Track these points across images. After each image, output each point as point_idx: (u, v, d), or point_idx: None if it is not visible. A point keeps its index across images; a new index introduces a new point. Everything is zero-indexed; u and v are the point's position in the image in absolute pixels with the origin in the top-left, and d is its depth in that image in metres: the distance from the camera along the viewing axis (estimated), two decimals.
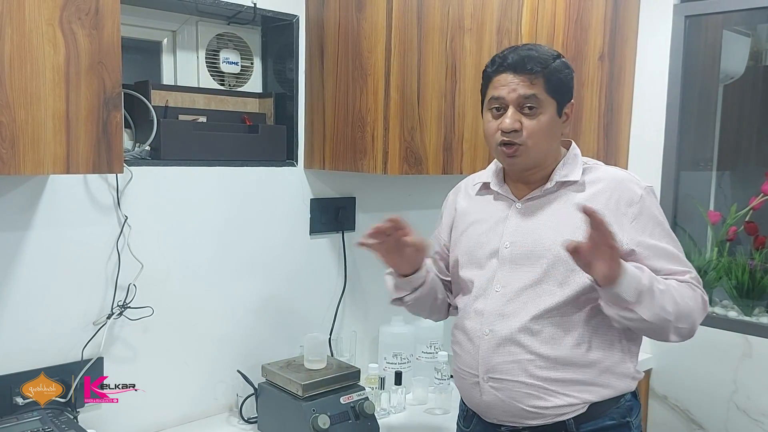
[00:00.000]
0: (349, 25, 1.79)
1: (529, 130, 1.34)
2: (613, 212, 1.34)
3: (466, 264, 1.47)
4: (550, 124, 1.36)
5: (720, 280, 2.33)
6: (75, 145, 1.25)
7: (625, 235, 1.34)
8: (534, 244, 1.38)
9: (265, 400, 1.73)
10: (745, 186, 2.50)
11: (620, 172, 1.43)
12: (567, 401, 1.36)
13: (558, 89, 1.36)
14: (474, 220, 1.50)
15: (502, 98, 1.35)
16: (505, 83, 1.35)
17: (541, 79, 1.33)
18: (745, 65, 2.52)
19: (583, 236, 1.27)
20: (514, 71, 1.34)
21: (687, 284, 1.35)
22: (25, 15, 1.17)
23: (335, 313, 2.06)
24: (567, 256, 1.28)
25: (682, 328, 1.33)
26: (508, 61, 1.35)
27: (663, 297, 1.28)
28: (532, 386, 1.36)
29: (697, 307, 1.35)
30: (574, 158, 1.43)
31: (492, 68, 1.39)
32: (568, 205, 1.38)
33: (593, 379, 1.37)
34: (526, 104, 1.34)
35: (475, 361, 1.42)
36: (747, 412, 2.17)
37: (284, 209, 1.94)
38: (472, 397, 1.45)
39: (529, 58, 1.34)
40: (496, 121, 1.37)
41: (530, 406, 1.36)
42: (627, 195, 1.37)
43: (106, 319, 1.60)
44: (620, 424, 1.41)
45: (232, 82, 1.94)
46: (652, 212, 1.38)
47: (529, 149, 1.36)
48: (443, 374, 1.93)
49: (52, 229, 1.53)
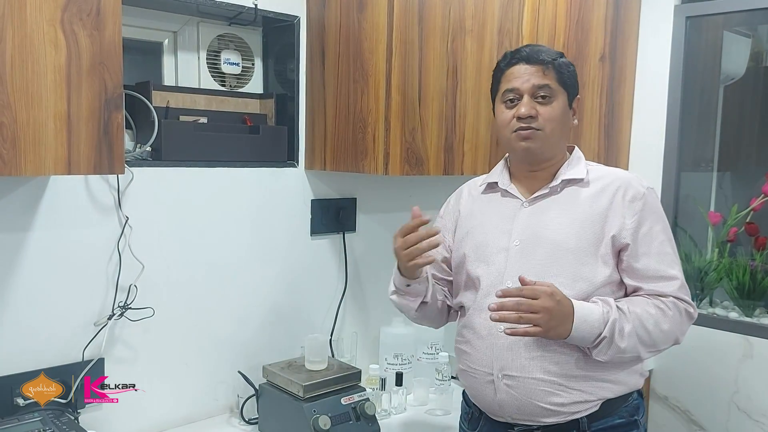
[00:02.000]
0: (350, 26, 1.79)
1: (545, 116, 1.40)
2: (618, 205, 1.39)
3: (473, 261, 1.48)
4: (563, 112, 1.43)
5: (721, 281, 2.32)
6: (76, 145, 1.25)
7: (625, 229, 1.37)
8: (543, 238, 1.40)
9: (266, 401, 1.73)
10: (745, 187, 2.50)
11: (623, 172, 1.47)
12: (583, 397, 1.37)
13: (568, 81, 1.43)
14: (481, 219, 1.51)
15: (516, 89, 1.41)
16: (519, 74, 1.41)
17: (552, 70, 1.41)
18: (745, 66, 2.52)
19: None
20: (527, 61, 1.41)
21: (664, 306, 1.37)
22: (27, 15, 1.17)
23: (336, 314, 2.06)
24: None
25: (656, 352, 1.40)
26: (522, 54, 1.43)
27: (629, 340, 1.33)
28: (549, 383, 1.36)
29: (676, 327, 1.39)
30: (578, 159, 1.48)
31: (504, 62, 1.46)
32: (575, 202, 1.42)
33: (606, 374, 1.38)
34: (540, 93, 1.40)
35: (488, 359, 1.41)
36: (748, 412, 2.17)
37: (285, 210, 1.94)
38: (485, 396, 1.44)
39: (540, 50, 1.43)
40: (510, 111, 1.42)
41: (548, 403, 1.37)
42: (632, 191, 1.40)
43: (106, 319, 1.60)
44: (629, 422, 1.43)
45: (233, 82, 1.94)
46: (654, 209, 1.41)
47: (545, 135, 1.41)
48: (444, 375, 1.93)
49: (53, 229, 1.53)
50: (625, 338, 1.32)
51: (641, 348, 1.35)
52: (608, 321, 1.30)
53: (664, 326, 1.36)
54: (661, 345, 1.39)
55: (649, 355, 1.39)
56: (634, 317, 1.33)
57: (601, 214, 1.38)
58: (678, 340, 1.41)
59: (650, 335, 1.35)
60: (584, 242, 1.37)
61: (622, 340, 1.32)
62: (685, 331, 1.41)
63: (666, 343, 1.39)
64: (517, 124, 1.41)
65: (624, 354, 1.34)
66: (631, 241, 1.37)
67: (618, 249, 1.38)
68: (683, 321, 1.39)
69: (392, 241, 1.40)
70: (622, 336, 1.31)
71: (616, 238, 1.37)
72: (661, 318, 1.35)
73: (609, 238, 1.37)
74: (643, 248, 1.37)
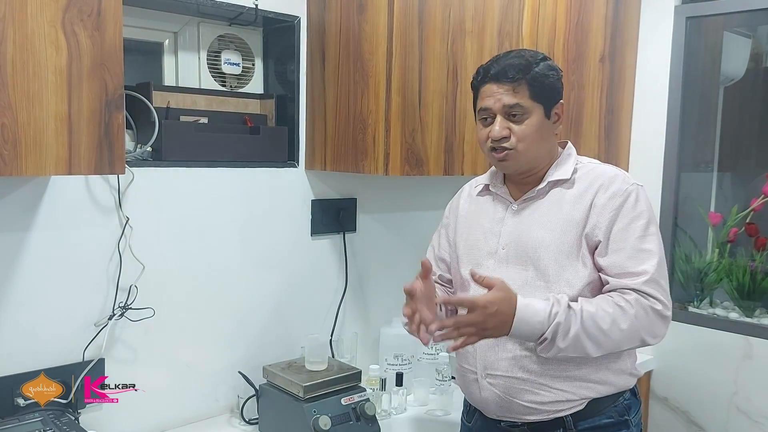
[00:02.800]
0: (350, 27, 1.79)
1: (518, 134, 1.38)
2: (597, 204, 1.37)
3: (465, 263, 1.50)
4: (538, 127, 1.39)
5: (721, 282, 2.32)
6: (77, 146, 1.25)
7: (597, 226, 1.36)
8: (527, 243, 1.41)
9: (266, 402, 1.73)
10: (745, 187, 2.50)
11: (611, 169, 1.44)
12: (563, 397, 1.38)
13: (542, 93, 1.39)
14: (474, 221, 1.53)
15: (489, 108, 1.40)
16: (490, 93, 1.39)
17: (524, 86, 1.37)
18: (745, 67, 2.52)
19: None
20: (497, 81, 1.38)
21: (625, 303, 1.31)
22: (27, 16, 1.17)
23: (336, 315, 2.06)
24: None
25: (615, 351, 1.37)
26: (491, 72, 1.40)
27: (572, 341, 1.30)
28: (527, 381, 1.38)
29: (640, 326, 1.32)
30: (567, 158, 1.46)
31: (477, 80, 1.44)
32: (558, 203, 1.42)
33: (589, 375, 1.39)
34: (511, 112, 1.38)
35: (474, 359, 1.46)
36: (748, 413, 2.17)
37: (285, 210, 1.94)
38: (472, 394, 1.49)
39: (511, 66, 1.38)
40: (486, 129, 1.42)
41: (526, 401, 1.39)
42: (613, 188, 1.38)
43: (107, 320, 1.60)
44: (618, 422, 1.42)
45: (234, 83, 1.94)
46: (633, 206, 1.37)
47: (519, 153, 1.39)
48: (444, 375, 1.94)
49: (54, 230, 1.53)
50: (568, 339, 1.29)
51: (590, 347, 1.30)
52: (552, 323, 1.28)
53: (623, 325, 1.30)
54: (622, 345, 1.34)
55: (602, 353, 1.33)
56: (586, 317, 1.29)
57: (583, 215, 1.38)
58: (646, 341, 1.34)
59: (605, 334, 1.30)
60: (566, 245, 1.37)
61: (564, 340, 1.29)
62: (657, 331, 1.34)
63: (629, 343, 1.34)
64: (490, 144, 1.40)
65: (566, 353, 1.31)
66: (602, 238, 1.36)
67: (593, 247, 1.37)
68: (651, 320, 1.32)
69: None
70: (564, 337, 1.29)
71: (589, 236, 1.37)
72: (620, 316, 1.30)
73: (583, 237, 1.37)
74: (614, 245, 1.35)
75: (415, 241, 2.20)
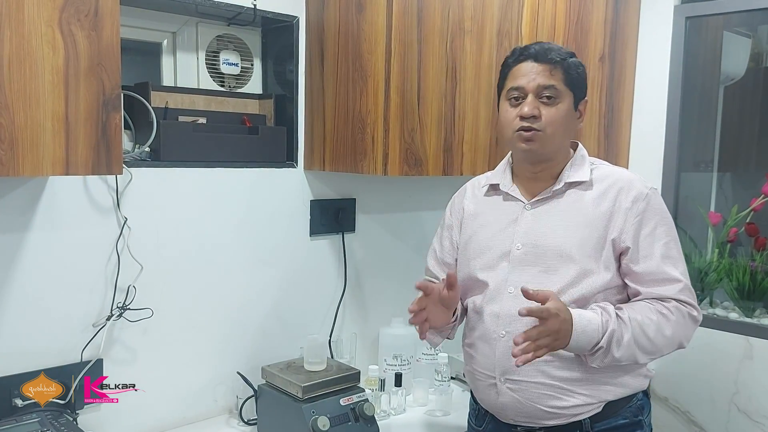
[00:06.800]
0: (349, 27, 1.78)
1: (548, 117, 1.38)
2: (620, 208, 1.37)
3: (477, 266, 1.48)
4: (567, 114, 1.40)
5: (721, 282, 2.32)
6: (74, 146, 1.24)
7: (625, 232, 1.36)
8: (545, 245, 1.39)
9: (265, 402, 1.73)
10: (745, 187, 2.49)
11: (627, 172, 1.46)
12: (584, 400, 1.37)
13: (575, 83, 1.40)
14: (483, 221, 1.50)
15: (521, 87, 1.39)
16: (525, 72, 1.39)
17: (560, 70, 1.38)
18: (745, 67, 2.51)
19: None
20: (535, 59, 1.38)
21: (666, 311, 1.35)
22: (24, 16, 1.17)
23: (335, 315, 2.06)
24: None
25: (658, 357, 1.39)
26: (530, 51, 1.40)
27: (626, 349, 1.31)
28: (550, 387, 1.37)
29: (680, 332, 1.37)
30: (582, 159, 1.46)
31: (513, 58, 1.43)
32: (577, 205, 1.41)
33: (609, 378, 1.38)
34: (545, 93, 1.38)
35: (491, 363, 1.43)
36: (748, 413, 2.16)
37: (284, 210, 1.94)
38: (488, 398, 1.46)
39: (550, 49, 1.39)
40: (514, 109, 1.40)
41: (548, 407, 1.38)
42: (634, 192, 1.39)
43: (105, 320, 1.60)
44: (633, 422, 1.42)
45: (232, 83, 1.94)
46: (657, 210, 1.39)
47: (546, 137, 1.38)
48: (443, 376, 1.93)
49: (52, 230, 1.53)
50: (622, 347, 1.31)
51: (640, 355, 1.34)
52: (606, 331, 1.29)
53: (667, 332, 1.34)
54: (664, 350, 1.37)
55: (649, 360, 1.38)
56: (634, 325, 1.32)
57: (604, 218, 1.38)
58: (682, 345, 1.39)
59: (651, 342, 1.33)
60: (587, 248, 1.36)
61: (618, 349, 1.31)
62: (690, 335, 1.39)
63: (669, 348, 1.38)
64: (519, 124, 1.39)
65: (619, 362, 1.33)
66: (631, 244, 1.36)
67: (619, 252, 1.37)
68: (687, 325, 1.37)
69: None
70: (619, 345, 1.30)
71: (616, 241, 1.36)
72: (664, 323, 1.34)
73: (609, 242, 1.37)
74: (644, 251, 1.36)
75: (414, 242, 2.20)
